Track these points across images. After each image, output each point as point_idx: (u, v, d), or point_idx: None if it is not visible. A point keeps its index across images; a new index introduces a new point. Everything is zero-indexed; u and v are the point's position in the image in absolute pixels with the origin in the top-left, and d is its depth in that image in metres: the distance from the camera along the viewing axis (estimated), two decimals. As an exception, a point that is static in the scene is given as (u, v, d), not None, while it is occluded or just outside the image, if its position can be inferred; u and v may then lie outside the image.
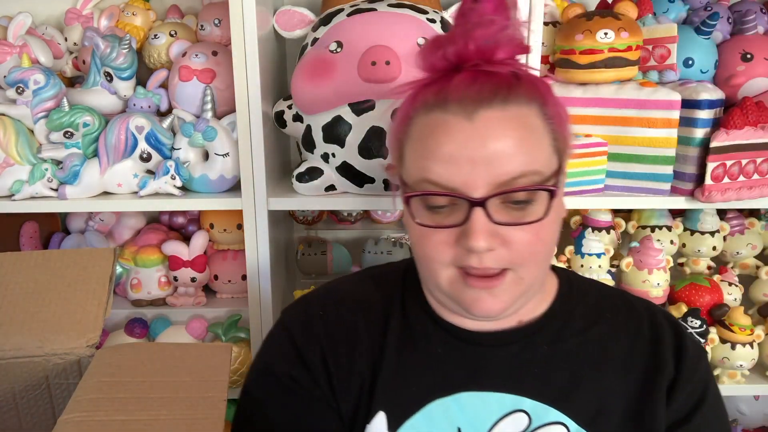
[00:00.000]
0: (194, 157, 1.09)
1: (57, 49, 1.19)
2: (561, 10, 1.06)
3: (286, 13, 1.07)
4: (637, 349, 0.65)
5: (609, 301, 0.69)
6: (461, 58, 0.56)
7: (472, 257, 0.56)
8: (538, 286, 0.63)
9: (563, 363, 0.64)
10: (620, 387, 0.64)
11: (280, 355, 0.67)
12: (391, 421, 0.64)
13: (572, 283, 0.70)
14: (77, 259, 0.78)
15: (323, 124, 1.00)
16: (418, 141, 0.58)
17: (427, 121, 0.57)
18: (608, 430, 0.62)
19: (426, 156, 0.56)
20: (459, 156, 0.54)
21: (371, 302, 0.69)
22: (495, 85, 0.55)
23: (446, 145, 0.55)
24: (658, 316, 0.68)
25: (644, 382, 0.64)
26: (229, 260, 1.22)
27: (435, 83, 0.57)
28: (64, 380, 0.70)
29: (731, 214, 1.24)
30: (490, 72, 0.55)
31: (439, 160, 0.55)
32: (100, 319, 0.71)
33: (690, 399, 0.64)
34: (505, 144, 0.54)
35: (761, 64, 1.08)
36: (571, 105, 1.04)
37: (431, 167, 0.56)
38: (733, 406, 1.36)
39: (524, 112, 0.56)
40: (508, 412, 0.63)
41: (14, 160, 1.05)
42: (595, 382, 0.63)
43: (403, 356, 0.65)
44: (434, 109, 0.56)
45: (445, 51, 0.56)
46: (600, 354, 0.65)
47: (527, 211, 0.56)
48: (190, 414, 0.54)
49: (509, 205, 0.56)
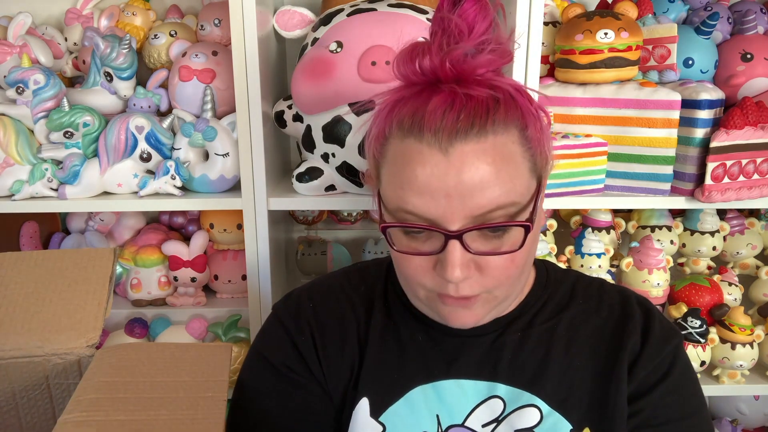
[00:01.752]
0: (194, 157, 1.09)
1: (57, 49, 1.19)
2: (561, 10, 1.06)
3: (286, 13, 1.07)
4: (605, 331, 0.66)
5: (583, 288, 0.70)
6: (437, 76, 0.55)
7: (450, 286, 0.57)
8: (515, 296, 0.65)
9: (534, 347, 0.65)
10: (588, 368, 0.64)
11: (275, 346, 0.69)
12: (373, 408, 0.65)
13: (549, 273, 0.71)
14: (77, 259, 0.78)
15: (323, 124, 1.00)
16: (393, 166, 0.57)
17: (402, 148, 0.56)
18: (578, 410, 0.63)
19: (402, 186, 0.55)
20: (434, 189, 0.54)
21: (357, 294, 0.71)
22: (472, 114, 0.53)
23: (421, 177, 0.54)
24: (630, 300, 0.69)
25: (609, 361, 0.64)
26: (229, 260, 1.22)
27: (411, 100, 0.56)
28: (64, 380, 0.70)
29: (731, 214, 1.24)
30: (467, 95, 0.53)
31: (415, 192, 0.54)
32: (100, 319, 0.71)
33: (652, 375, 0.64)
34: (481, 177, 0.53)
35: (761, 64, 1.08)
36: (571, 105, 1.04)
37: (408, 198, 0.55)
38: (733, 406, 1.36)
39: (501, 140, 0.54)
40: (484, 399, 0.65)
41: (14, 160, 1.05)
42: (564, 364, 0.65)
43: (386, 345, 0.67)
44: (409, 135, 0.55)
45: (421, 65, 0.55)
46: (569, 337, 0.66)
47: (504, 240, 0.56)
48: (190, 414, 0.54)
49: (486, 233, 0.56)
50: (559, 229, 1.18)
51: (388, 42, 0.94)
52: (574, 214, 1.24)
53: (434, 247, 0.56)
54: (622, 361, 0.64)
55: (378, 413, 0.65)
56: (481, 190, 0.53)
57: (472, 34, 0.54)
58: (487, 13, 0.55)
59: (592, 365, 0.65)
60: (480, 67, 0.54)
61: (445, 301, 0.59)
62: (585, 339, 0.66)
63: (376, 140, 0.60)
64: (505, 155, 0.54)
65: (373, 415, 0.65)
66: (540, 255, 1.11)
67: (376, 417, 0.65)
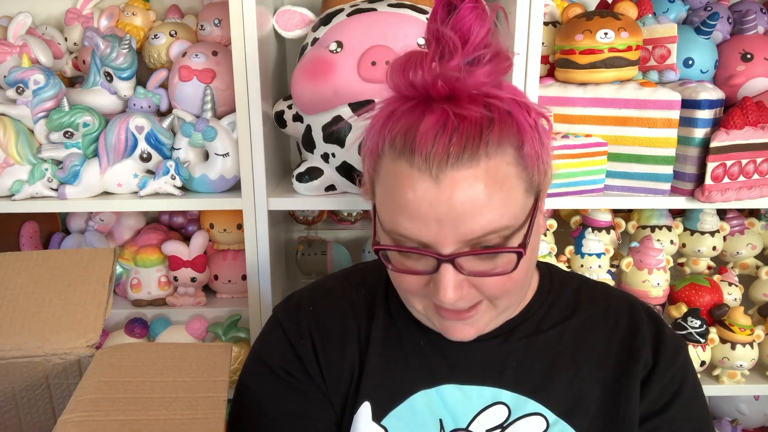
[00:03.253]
0: (194, 157, 1.09)
1: (57, 49, 1.19)
2: (561, 10, 1.06)
3: (286, 13, 1.07)
4: (613, 341, 0.66)
5: (588, 293, 0.70)
6: (429, 94, 0.53)
7: (444, 303, 0.57)
8: (517, 304, 0.64)
9: (540, 354, 0.65)
10: (596, 377, 0.64)
11: (274, 350, 0.69)
12: (375, 412, 0.65)
13: (553, 276, 0.71)
14: (77, 259, 0.78)
15: (323, 124, 1.00)
16: (386, 186, 0.56)
17: (394, 169, 0.55)
18: (585, 419, 0.63)
19: (395, 209, 0.55)
20: (425, 215, 0.53)
21: (358, 296, 0.71)
22: (464, 137, 0.51)
23: (413, 202, 0.53)
24: (637, 309, 0.68)
25: (620, 372, 0.64)
26: (229, 260, 1.22)
27: (403, 117, 0.54)
28: (64, 380, 0.70)
29: (731, 214, 1.24)
30: (459, 115, 0.52)
31: (407, 216, 0.54)
32: (100, 319, 0.71)
33: (667, 390, 0.64)
34: (473, 204, 0.52)
35: (761, 64, 1.08)
36: (571, 105, 1.04)
37: (400, 222, 0.55)
38: (733, 406, 1.36)
39: (494, 164, 0.53)
40: (488, 405, 0.64)
41: (14, 160, 1.05)
42: (571, 372, 0.64)
43: (388, 348, 0.67)
44: (401, 157, 0.54)
45: (413, 80, 0.53)
46: (577, 345, 0.66)
47: (497, 262, 0.56)
48: (190, 414, 0.54)
49: (479, 255, 0.55)
50: (559, 229, 1.18)
51: (388, 42, 0.94)
52: (574, 214, 1.24)
53: (428, 267, 0.56)
54: (634, 374, 0.63)
55: (380, 417, 0.65)
56: (472, 216, 0.52)
57: (467, 46, 0.52)
58: (485, 20, 0.53)
59: (601, 374, 0.64)
60: (474, 84, 0.52)
61: (443, 315, 0.59)
62: (592, 348, 0.65)
63: (370, 156, 0.59)
64: (499, 179, 0.53)
65: (375, 419, 0.65)
66: (540, 255, 1.11)
67: (378, 421, 0.65)
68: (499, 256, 0.56)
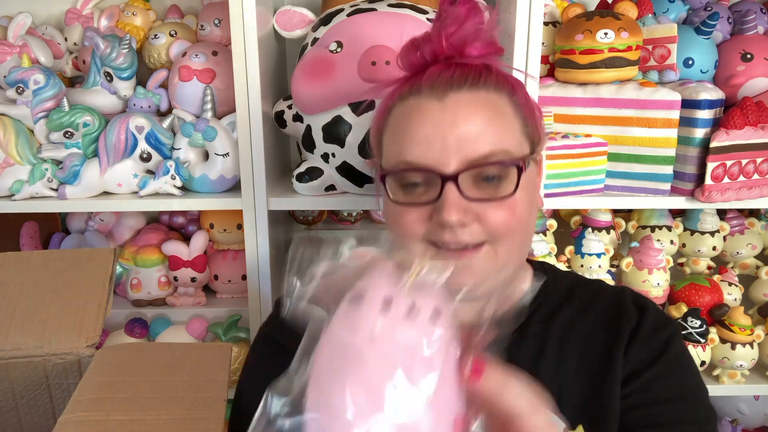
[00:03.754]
0: (194, 157, 1.09)
1: (57, 49, 1.19)
2: (561, 10, 1.06)
3: (286, 13, 1.07)
4: (599, 328, 0.66)
5: (581, 288, 0.71)
6: (436, 55, 0.60)
7: (446, 232, 0.58)
8: (513, 269, 0.65)
9: (528, 345, 0.66)
10: (581, 366, 0.65)
11: (279, 327, 0.70)
12: None
13: (547, 273, 0.72)
14: (77, 259, 0.78)
15: (323, 124, 1.00)
16: (394, 127, 0.62)
17: (402, 109, 0.61)
18: (570, 408, 0.63)
19: (402, 140, 0.60)
20: (432, 136, 0.58)
21: None
22: (465, 73, 0.59)
23: (420, 127, 0.58)
24: (625, 299, 0.69)
25: (603, 360, 0.64)
26: (229, 260, 1.22)
27: (411, 78, 0.61)
28: (64, 380, 0.70)
29: (731, 214, 1.24)
30: (461, 63, 0.59)
31: (413, 141, 0.58)
32: (100, 319, 0.71)
33: (644, 360, 0.64)
34: (475, 124, 0.57)
35: (761, 64, 1.08)
36: (571, 105, 1.04)
37: (406, 149, 0.59)
38: (733, 406, 1.36)
39: (493, 97, 0.59)
40: None
41: (14, 160, 1.05)
42: (557, 362, 0.65)
43: None
44: (409, 96, 0.60)
45: (422, 50, 0.60)
46: (563, 336, 0.66)
47: (499, 188, 0.59)
48: (190, 414, 0.54)
49: (481, 183, 0.58)
50: (559, 229, 1.18)
51: (388, 42, 0.94)
52: (574, 214, 1.24)
53: (431, 196, 0.58)
54: (615, 360, 0.64)
55: None
56: (475, 135, 0.57)
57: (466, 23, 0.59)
58: (477, 11, 0.59)
59: (586, 365, 0.65)
60: (472, 49, 0.59)
61: (444, 257, 0.59)
62: (578, 339, 0.66)
63: (380, 117, 0.64)
64: (498, 109, 0.59)
65: None
66: (540, 255, 1.11)
67: None
68: (500, 183, 0.58)
